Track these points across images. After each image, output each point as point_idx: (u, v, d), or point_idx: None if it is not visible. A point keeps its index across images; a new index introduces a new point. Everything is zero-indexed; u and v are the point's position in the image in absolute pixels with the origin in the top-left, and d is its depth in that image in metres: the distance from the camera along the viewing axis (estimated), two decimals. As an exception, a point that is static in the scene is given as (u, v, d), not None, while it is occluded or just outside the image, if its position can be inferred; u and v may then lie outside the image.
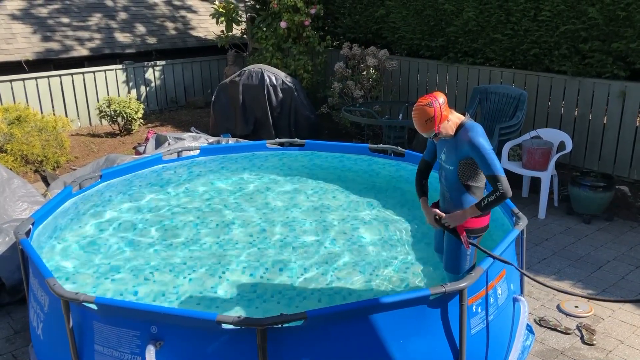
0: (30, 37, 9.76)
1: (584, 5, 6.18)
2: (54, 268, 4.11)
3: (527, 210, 5.86)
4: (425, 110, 3.20)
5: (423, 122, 3.23)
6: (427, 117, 3.21)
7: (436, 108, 3.19)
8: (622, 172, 6.37)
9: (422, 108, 3.22)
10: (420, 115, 3.22)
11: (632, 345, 3.77)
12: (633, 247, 5.13)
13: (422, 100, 3.23)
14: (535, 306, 4.22)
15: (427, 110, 3.20)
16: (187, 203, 5.34)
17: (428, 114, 3.20)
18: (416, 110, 3.24)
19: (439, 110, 3.20)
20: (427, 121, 3.21)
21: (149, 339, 2.79)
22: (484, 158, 3.16)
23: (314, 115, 8.40)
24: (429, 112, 3.19)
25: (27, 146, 7.04)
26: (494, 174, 3.13)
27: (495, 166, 3.14)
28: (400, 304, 2.83)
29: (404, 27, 8.32)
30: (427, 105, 3.20)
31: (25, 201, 4.99)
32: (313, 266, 4.20)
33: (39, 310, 3.33)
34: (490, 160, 3.15)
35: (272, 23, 9.45)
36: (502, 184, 3.11)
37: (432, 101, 3.20)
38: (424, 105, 3.21)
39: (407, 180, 5.48)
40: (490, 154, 3.16)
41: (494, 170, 3.13)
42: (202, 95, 10.91)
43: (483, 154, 3.15)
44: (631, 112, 6.20)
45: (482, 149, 3.16)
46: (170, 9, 11.91)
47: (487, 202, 3.18)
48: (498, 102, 6.86)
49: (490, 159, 3.15)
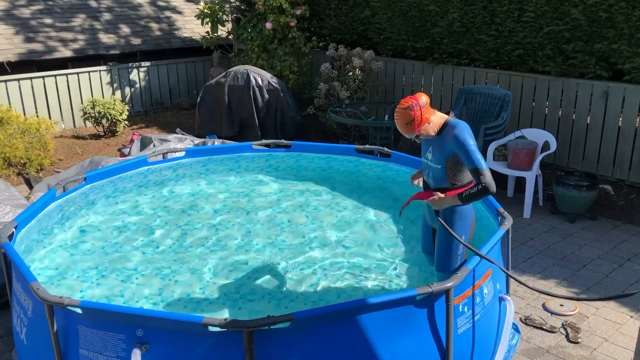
0: (13, 38, 9.64)
1: (567, 6, 6.25)
2: (38, 272, 4.06)
3: (512, 209, 5.91)
4: (406, 114, 3.25)
5: (404, 125, 3.29)
6: (407, 120, 3.26)
7: (416, 111, 3.23)
8: (606, 171, 6.44)
9: (402, 111, 3.26)
10: (401, 118, 3.28)
11: (616, 343, 3.81)
12: (616, 245, 5.19)
13: (403, 103, 3.27)
14: (520, 305, 4.25)
15: (408, 114, 3.25)
16: (172, 205, 5.31)
17: (409, 116, 3.25)
18: (397, 113, 3.29)
19: (419, 113, 3.24)
20: (407, 124, 3.27)
21: (135, 342, 2.77)
22: (467, 152, 3.18)
23: (300, 116, 8.39)
24: (410, 115, 3.24)
25: (10, 148, 6.96)
26: (476, 166, 3.15)
27: (477, 160, 3.16)
28: (387, 304, 2.84)
29: (390, 28, 8.35)
30: (408, 109, 3.24)
31: (8, 204, 4.93)
32: (300, 267, 4.20)
33: (22, 315, 3.28)
34: (473, 154, 3.17)
35: (258, 24, 9.43)
36: (485, 177, 3.13)
37: (413, 104, 3.24)
38: (404, 108, 3.25)
39: (394, 180, 5.49)
40: (473, 148, 3.19)
41: (476, 163, 3.15)
42: (187, 96, 10.85)
43: (466, 148, 3.18)
44: (614, 112, 6.27)
45: (465, 143, 3.19)
46: (154, 10, 11.83)
47: (468, 194, 3.18)
48: (483, 103, 6.91)
49: (472, 152, 3.17)
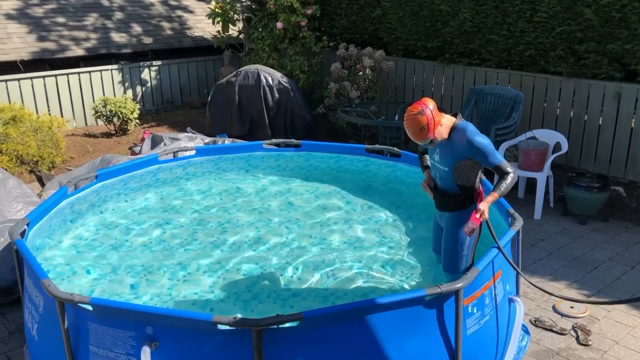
0: (26, 37, 9.72)
1: (580, 6, 6.20)
2: (49, 269, 4.10)
3: (523, 211, 5.88)
4: (418, 119, 3.19)
5: (417, 131, 3.22)
6: (420, 125, 3.20)
7: (428, 115, 3.18)
8: (618, 172, 6.39)
9: (414, 117, 3.19)
10: (414, 124, 3.21)
11: (627, 346, 3.78)
12: (628, 247, 5.15)
13: (413, 109, 3.21)
14: (530, 307, 4.23)
15: (420, 119, 3.19)
16: (183, 204, 5.33)
17: (421, 122, 3.19)
18: (408, 120, 3.22)
19: (431, 116, 3.19)
20: (421, 129, 3.21)
21: (145, 339, 2.79)
22: (485, 154, 3.25)
23: (310, 116, 8.39)
24: (422, 121, 3.19)
25: (23, 146, 7.02)
26: (498, 164, 3.26)
27: (497, 158, 3.26)
28: (396, 304, 2.83)
29: (400, 27, 8.32)
30: (419, 114, 3.18)
31: (21, 202, 4.98)
32: (309, 267, 4.20)
33: (33, 311, 3.31)
34: (492, 155, 3.25)
35: (269, 23, 9.44)
36: (508, 167, 3.28)
37: (423, 109, 3.19)
38: (415, 114, 3.19)
39: (403, 180, 5.48)
40: (491, 148, 3.26)
41: (496, 162, 3.26)
42: (198, 95, 10.89)
43: (484, 151, 3.24)
44: (626, 113, 6.22)
45: (482, 147, 3.24)
46: (166, 9, 11.89)
47: (504, 187, 3.27)
48: (494, 103, 6.87)
49: (490, 153, 3.25)
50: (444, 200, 3.49)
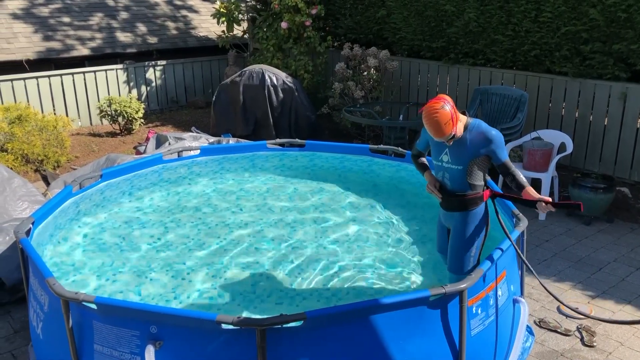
0: (32, 36, 9.76)
1: (585, 6, 6.18)
2: (54, 267, 4.11)
3: (527, 211, 5.86)
4: (444, 113, 3.11)
5: (442, 125, 3.12)
6: (446, 119, 3.12)
7: (450, 110, 3.14)
8: (623, 173, 6.37)
9: (439, 110, 3.12)
10: (440, 117, 3.11)
11: (632, 347, 3.76)
12: (633, 248, 5.13)
13: (436, 105, 3.13)
14: (535, 307, 4.22)
15: (445, 113, 3.12)
16: (187, 203, 5.34)
17: (446, 116, 3.12)
18: (433, 114, 3.12)
19: (453, 111, 3.16)
20: (446, 124, 3.12)
21: (149, 338, 2.79)
22: (500, 148, 3.30)
23: (315, 116, 8.40)
24: (446, 114, 3.12)
25: (28, 145, 7.05)
26: (506, 159, 3.33)
27: (505, 152, 3.34)
28: (400, 304, 2.83)
29: (405, 27, 8.32)
30: (442, 108, 3.11)
31: (26, 200, 4.99)
32: (312, 266, 4.20)
33: (38, 310, 3.32)
34: (504, 148, 3.33)
35: (273, 23, 9.45)
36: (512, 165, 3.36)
37: (444, 103, 3.13)
38: (438, 109, 3.12)
39: (408, 181, 5.47)
40: (503, 141, 3.33)
41: (505, 156, 3.33)
42: (202, 95, 10.91)
43: (500, 144, 3.29)
44: (632, 114, 6.20)
45: (499, 140, 3.29)
46: (171, 9, 11.91)
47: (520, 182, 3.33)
48: (499, 103, 6.86)
49: (503, 146, 3.33)
50: (456, 200, 3.44)
